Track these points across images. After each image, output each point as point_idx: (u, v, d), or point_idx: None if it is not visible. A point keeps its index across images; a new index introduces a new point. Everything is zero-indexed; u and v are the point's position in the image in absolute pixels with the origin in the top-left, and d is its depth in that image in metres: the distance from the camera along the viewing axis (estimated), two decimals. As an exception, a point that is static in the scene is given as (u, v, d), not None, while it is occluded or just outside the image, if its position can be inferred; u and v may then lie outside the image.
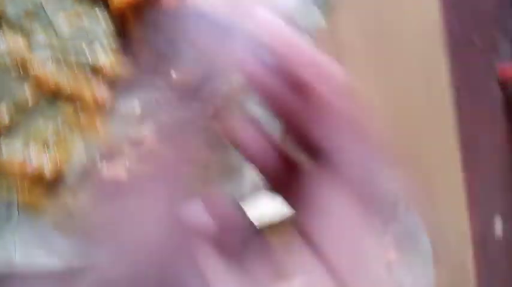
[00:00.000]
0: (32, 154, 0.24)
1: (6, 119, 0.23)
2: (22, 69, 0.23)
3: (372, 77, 0.44)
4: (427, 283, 0.50)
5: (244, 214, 0.20)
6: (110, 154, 0.25)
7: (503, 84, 1.61)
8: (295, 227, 0.18)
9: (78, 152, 0.24)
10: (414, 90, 0.52)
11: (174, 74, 0.26)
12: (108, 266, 0.20)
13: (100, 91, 0.24)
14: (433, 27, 0.53)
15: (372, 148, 0.18)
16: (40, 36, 0.24)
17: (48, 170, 0.24)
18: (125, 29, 0.24)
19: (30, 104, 0.23)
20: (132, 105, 0.26)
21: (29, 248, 0.25)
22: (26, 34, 0.24)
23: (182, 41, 0.23)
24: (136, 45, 0.25)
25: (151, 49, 0.25)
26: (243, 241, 0.19)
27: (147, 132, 0.26)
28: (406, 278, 0.47)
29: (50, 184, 0.24)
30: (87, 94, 0.24)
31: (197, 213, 0.19)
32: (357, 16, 0.41)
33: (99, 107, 0.24)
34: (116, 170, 0.25)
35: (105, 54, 0.25)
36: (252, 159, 0.20)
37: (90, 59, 0.24)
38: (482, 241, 0.72)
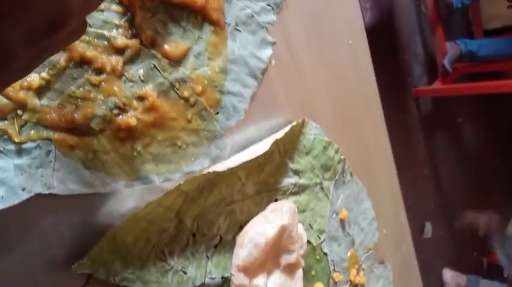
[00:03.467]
0: (65, 109, 0.31)
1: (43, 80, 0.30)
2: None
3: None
4: (373, 239, 0.58)
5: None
6: (123, 106, 0.33)
7: (417, 103, 1.83)
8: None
9: (99, 105, 0.32)
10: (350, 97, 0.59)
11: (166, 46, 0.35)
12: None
13: (114, 60, 0.33)
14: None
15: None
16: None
17: (77, 118, 0.31)
18: (132, 12, 0.33)
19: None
20: (138, 70, 0.34)
21: (64, 181, 0.31)
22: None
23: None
24: (139, 25, 0.34)
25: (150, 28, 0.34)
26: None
27: (149, 90, 0.34)
28: (357, 234, 0.55)
29: (78, 131, 0.32)
30: (105, 62, 0.32)
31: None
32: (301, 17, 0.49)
33: (114, 71, 0.33)
34: (127, 119, 0.33)
35: (119, 36, 0.33)
36: None
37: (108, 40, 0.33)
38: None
